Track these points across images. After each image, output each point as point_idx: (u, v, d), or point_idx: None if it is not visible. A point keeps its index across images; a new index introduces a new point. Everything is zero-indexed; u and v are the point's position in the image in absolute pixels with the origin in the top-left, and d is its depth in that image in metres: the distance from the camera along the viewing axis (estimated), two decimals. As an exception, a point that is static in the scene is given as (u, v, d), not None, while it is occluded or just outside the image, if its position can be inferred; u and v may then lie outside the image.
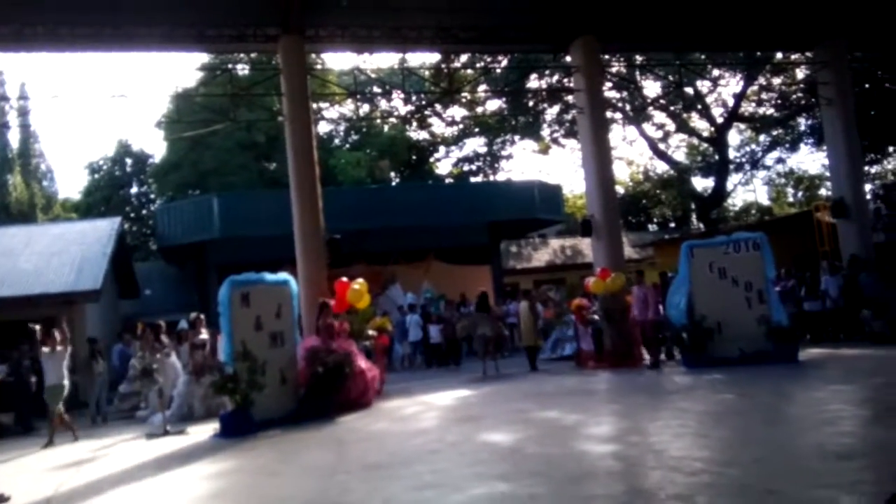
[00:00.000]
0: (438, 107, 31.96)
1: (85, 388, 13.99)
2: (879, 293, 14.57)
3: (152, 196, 34.29)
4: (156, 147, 52.81)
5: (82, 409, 13.96)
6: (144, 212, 34.53)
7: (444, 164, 37.59)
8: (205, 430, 10.31)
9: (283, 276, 11.59)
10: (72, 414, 13.65)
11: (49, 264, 17.30)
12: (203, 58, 27.43)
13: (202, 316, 13.88)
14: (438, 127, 35.57)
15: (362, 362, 12.11)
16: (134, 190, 35.28)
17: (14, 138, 36.25)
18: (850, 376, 10.52)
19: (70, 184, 66.37)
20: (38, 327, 11.46)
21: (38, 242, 18.67)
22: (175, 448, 9.36)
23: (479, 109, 32.69)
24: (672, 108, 31.26)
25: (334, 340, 11.95)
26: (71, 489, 7.37)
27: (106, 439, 10.82)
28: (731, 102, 30.97)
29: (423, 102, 30.05)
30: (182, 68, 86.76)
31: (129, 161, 34.72)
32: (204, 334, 13.09)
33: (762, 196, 45.11)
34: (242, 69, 26.43)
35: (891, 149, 31.53)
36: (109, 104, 42.86)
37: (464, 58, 28.21)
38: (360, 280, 13.72)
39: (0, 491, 7.03)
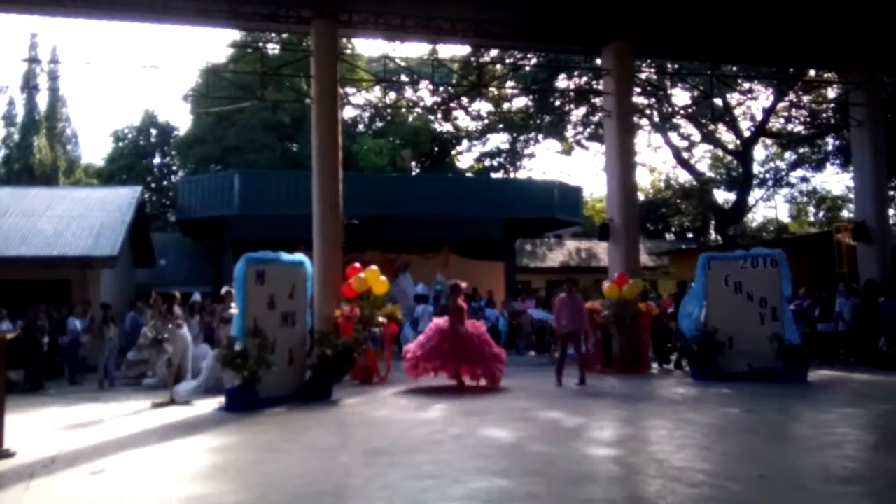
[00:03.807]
0: (465, 100, 31.90)
1: (95, 352, 14.18)
2: (897, 318, 14.42)
3: (174, 168, 34.45)
4: (181, 120, 53.15)
5: (91, 373, 14.17)
6: (165, 183, 34.70)
7: (465, 158, 37.54)
8: (210, 403, 10.39)
9: (299, 256, 11.64)
10: (80, 377, 13.95)
11: (69, 227, 17.48)
12: (235, 34, 27.48)
13: (232, 290, 13.90)
14: (463, 120, 35.54)
15: (494, 348, 12.29)
16: (156, 160, 35.44)
17: (42, 101, 36.64)
18: (859, 400, 10.46)
19: (94, 150, 66.96)
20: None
21: (59, 205, 18.87)
22: (180, 418, 9.44)
23: (506, 106, 32.62)
24: (699, 118, 31.07)
25: (463, 323, 12.04)
26: (75, 450, 7.46)
27: (112, 404, 10.94)
28: (759, 117, 30.78)
29: (450, 95, 29.98)
30: (213, 43, 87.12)
31: (153, 131, 34.90)
32: (234, 309, 13.10)
33: (783, 213, 44.83)
34: (273, 49, 26.49)
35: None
36: (139, 74, 43.05)
37: (493, 53, 28.16)
38: (373, 267, 13.75)
39: (6, 447, 7.12)
